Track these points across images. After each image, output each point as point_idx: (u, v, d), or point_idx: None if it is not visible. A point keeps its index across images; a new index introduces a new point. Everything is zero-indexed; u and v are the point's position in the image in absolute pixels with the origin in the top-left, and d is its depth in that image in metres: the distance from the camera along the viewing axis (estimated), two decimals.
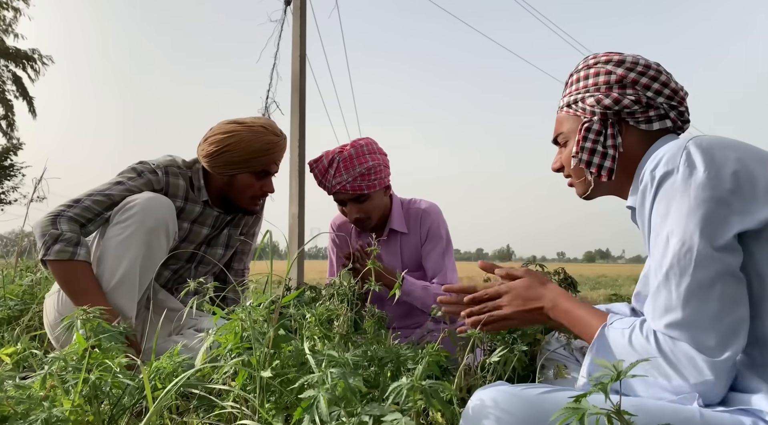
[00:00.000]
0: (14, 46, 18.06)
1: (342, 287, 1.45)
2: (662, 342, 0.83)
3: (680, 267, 0.82)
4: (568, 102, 1.13)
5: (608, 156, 1.05)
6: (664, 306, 0.83)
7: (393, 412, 0.81)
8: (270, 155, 1.78)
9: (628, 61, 1.06)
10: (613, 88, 1.05)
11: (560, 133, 1.16)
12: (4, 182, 18.34)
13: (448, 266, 2.05)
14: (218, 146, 1.74)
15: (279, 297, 1.07)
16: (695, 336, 0.80)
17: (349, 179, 1.92)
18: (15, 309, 2.12)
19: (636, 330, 0.87)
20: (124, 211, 1.57)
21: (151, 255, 1.59)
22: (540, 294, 1.11)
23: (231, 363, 0.98)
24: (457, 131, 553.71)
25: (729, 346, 0.79)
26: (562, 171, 1.19)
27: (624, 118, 1.05)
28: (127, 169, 1.73)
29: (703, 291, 0.80)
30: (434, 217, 2.10)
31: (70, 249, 1.48)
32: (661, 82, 1.04)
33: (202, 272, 1.95)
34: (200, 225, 1.86)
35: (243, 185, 1.81)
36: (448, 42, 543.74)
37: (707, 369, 0.79)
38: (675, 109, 1.04)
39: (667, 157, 0.87)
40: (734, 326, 0.80)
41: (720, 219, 0.81)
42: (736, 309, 0.80)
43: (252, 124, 1.79)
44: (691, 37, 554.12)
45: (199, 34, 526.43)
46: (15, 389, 0.96)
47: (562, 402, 0.64)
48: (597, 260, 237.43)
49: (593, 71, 1.09)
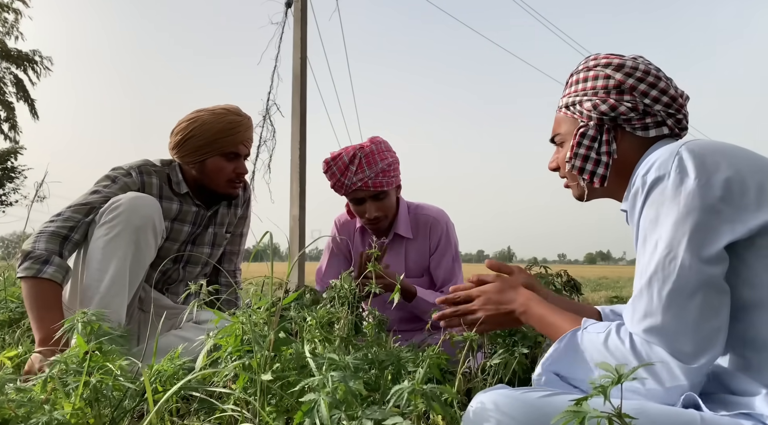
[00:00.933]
0: (15, 47, 18.11)
1: (343, 290, 1.45)
2: (638, 345, 0.84)
3: (664, 274, 0.83)
4: (566, 103, 1.13)
5: (601, 163, 1.05)
6: (644, 311, 0.84)
7: (394, 415, 0.81)
8: (234, 135, 1.79)
9: (627, 65, 1.05)
10: (610, 93, 1.05)
11: (558, 134, 1.16)
12: (6, 184, 18.37)
13: (458, 275, 2.07)
14: (183, 134, 1.78)
15: (280, 299, 1.07)
16: (672, 342, 0.81)
17: (371, 175, 1.91)
18: (16, 312, 2.13)
19: (612, 333, 0.88)
20: (110, 211, 1.57)
21: (140, 254, 1.59)
22: (511, 298, 1.13)
23: (231, 366, 0.98)
24: (458, 133, 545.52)
25: (704, 354, 0.80)
26: (558, 171, 1.19)
27: (620, 124, 1.04)
28: (101, 178, 1.75)
29: (683, 299, 0.81)
30: (444, 226, 2.10)
31: (36, 267, 1.49)
32: (660, 89, 1.03)
33: (191, 272, 1.95)
34: (180, 222, 1.86)
35: (215, 169, 1.81)
36: (450, 44, 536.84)
37: (681, 375, 0.80)
38: (673, 116, 1.04)
39: (659, 163, 0.88)
40: (711, 335, 0.81)
41: (709, 229, 0.81)
42: (714, 318, 0.81)
43: (213, 108, 1.82)
44: (687, 35, 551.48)
45: (200, 35, 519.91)
46: (16, 392, 0.96)
47: (563, 405, 0.64)
48: (598, 262, 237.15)
49: (592, 74, 1.08)
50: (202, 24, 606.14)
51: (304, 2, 6.40)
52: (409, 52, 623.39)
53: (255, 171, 6.75)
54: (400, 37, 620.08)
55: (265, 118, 6.74)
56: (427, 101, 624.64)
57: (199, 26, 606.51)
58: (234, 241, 2.10)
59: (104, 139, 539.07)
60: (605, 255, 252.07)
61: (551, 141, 1.20)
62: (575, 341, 0.93)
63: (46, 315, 1.43)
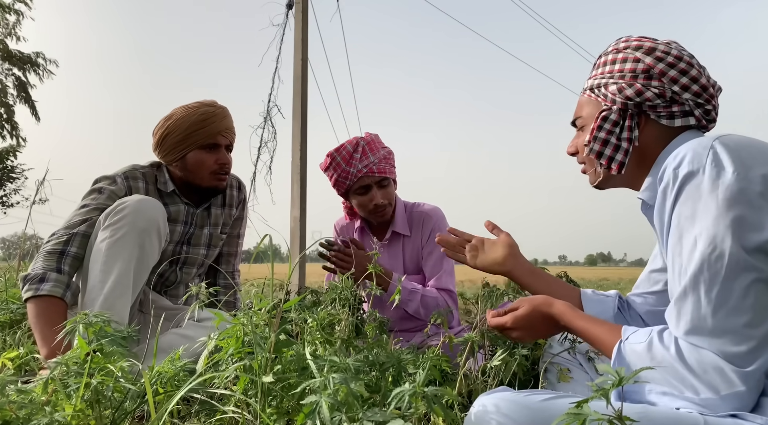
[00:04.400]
0: (17, 49, 18.12)
1: (343, 291, 1.45)
2: (686, 352, 0.79)
3: (710, 273, 0.78)
4: (591, 85, 1.09)
5: (621, 149, 1.01)
6: (692, 313, 0.79)
7: (395, 418, 0.81)
8: (209, 125, 1.81)
9: (659, 49, 1.00)
10: (638, 77, 1.00)
11: (579, 117, 1.12)
12: (7, 185, 18.39)
13: (446, 269, 2.05)
14: (160, 133, 1.81)
15: (281, 301, 1.07)
16: (725, 345, 0.76)
17: (375, 161, 1.97)
18: (17, 313, 2.13)
19: (655, 340, 0.83)
20: (114, 213, 1.58)
21: (144, 256, 1.60)
22: (545, 318, 1.08)
23: (232, 368, 0.98)
24: (460, 135, 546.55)
25: (759, 356, 0.76)
26: (576, 155, 1.16)
27: (645, 110, 1.00)
28: (88, 192, 1.76)
29: (735, 298, 0.76)
30: (436, 220, 2.10)
31: (34, 286, 1.50)
32: (691, 77, 0.98)
33: (187, 274, 1.95)
34: (172, 223, 1.86)
35: (196, 163, 1.82)
36: (452, 45, 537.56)
37: (738, 380, 0.75)
38: (701, 106, 0.99)
39: (691, 156, 0.83)
40: (765, 333, 0.76)
41: (752, 223, 0.76)
42: (766, 317, 0.76)
43: (188, 104, 1.85)
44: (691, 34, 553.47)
45: (200, 36, 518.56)
46: (17, 393, 0.96)
47: (565, 409, 0.63)
48: (599, 263, 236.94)
49: (621, 56, 1.04)
50: (203, 25, 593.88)
51: (305, 4, 6.40)
52: (410, 53, 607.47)
53: (256, 172, 6.76)
54: (402, 39, 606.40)
55: (266, 120, 6.75)
56: (428, 102, 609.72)
57: (199, 28, 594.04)
58: (231, 243, 2.10)
59: (104, 141, 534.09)
60: (606, 256, 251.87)
61: (572, 124, 1.16)
62: (621, 356, 0.88)
63: (48, 331, 1.43)
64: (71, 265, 1.58)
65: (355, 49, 66.65)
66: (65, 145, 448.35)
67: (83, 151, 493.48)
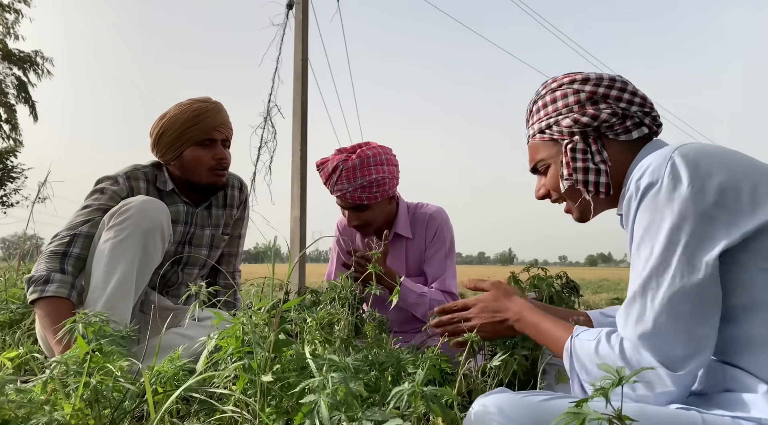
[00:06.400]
0: (17, 48, 18.12)
1: (343, 291, 1.45)
2: (627, 351, 0.85)
3: (657, 282, 0.84)
4: (540, 128, 1.12)
5: (601, 171, 1.05)
6: (637, 317, 0.85)
7: (394, 417, 0.81)
8: (203, 121, 1.80)
9: (592, 77, 1.07)
10: (585, 105, 1.06)
11: (540, 161, 1.15)
12: (7, 185, 18.38)
13: (448, 272, 2.04)
14: (156, 132, 1.81)
15: (280, 301, 1.07)
16: (662, 347, 0.82)
17: (350, 189, 1.90)
18: (17, 313, 2.13)
19: (602, 340, 0.89)
20: (119, 213, 1.58)
21: (148, 257, 1.60)
22: (505, 307, 1.15)
23: (232, 367, 0.98)
24: (459, 135, 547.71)
25: (693, 359, 0.81)
26: (548, 197, 1.18)
27: (603, 132, 1.05)
28: (90, 192, 1.76)
29: (675, 306, 0.82)
30: (440, 222, 2.09)
31: (39, 288, 1.50)
32: (630, 92, 1.05)
33: (189, 274, 1.95)
34: (173, 223, 1.85)
35: (193, 159, 1.82)
36: (452, 46, 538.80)
37: (669, 381, 0.81)
38: (648, 114, 1.05)
39: (652, 168, 0.87)
40: (701, 340, 0.82)
41: (704, 236, 0.81)
42: (705, 324, 0.82)
43: (182, 102, 1.85)
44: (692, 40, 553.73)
45: (200, 37, 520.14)
46: (16, 393, 0.96)
47: (564, 409, 0.64)
48: (599, 264, 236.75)
49: (560, 93, 1.09)
50: (203, 26, 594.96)
51: (306, 4, 6.41)
52: (410, 53, 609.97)
53: (256, 172, 6.76)
54: (402, 39, 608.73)
55: (266, 120, 6.75)
56: (429, 102, 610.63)
57: (199, 28, 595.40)
58: (232, 243, 2.10)
59: (105, 141, 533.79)
60: (606, 257, 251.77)
61: (532, 171, 1.19)
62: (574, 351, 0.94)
63: (59, 331, 1.43)
64: (74, 266, 1.58)
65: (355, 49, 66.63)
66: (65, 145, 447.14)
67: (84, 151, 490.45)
